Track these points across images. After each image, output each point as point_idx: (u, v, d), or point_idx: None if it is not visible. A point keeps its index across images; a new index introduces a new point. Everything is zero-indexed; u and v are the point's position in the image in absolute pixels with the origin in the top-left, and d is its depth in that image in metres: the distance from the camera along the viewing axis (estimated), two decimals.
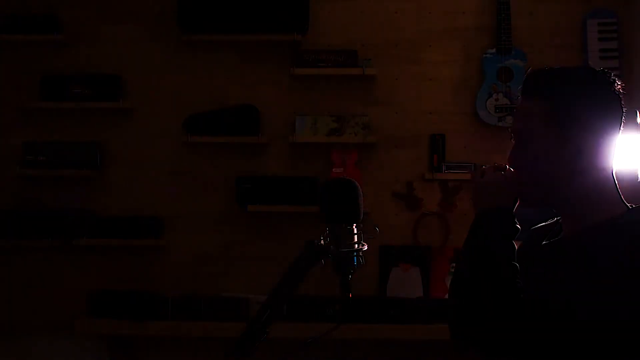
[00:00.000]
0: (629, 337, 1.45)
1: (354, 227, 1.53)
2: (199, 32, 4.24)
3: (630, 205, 1.63)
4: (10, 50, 4.33)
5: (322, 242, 1.53)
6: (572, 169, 1.60)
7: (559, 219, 1.70)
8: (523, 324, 1.49)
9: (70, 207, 4.21)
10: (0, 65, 4.35)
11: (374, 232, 1.55)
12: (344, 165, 4.22)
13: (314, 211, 2.29)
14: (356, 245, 1.52)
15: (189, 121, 4.25)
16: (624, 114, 1.64)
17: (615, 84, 1.63)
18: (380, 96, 4.31)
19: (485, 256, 1.57)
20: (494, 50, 4.23)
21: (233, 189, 4.23)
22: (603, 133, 1.60)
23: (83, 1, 4.36)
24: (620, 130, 1.63)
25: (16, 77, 4.33)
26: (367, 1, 4.35)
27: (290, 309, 3.90)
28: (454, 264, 4.21)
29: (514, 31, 4.21)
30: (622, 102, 1.63)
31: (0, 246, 4.21)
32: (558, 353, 1.47)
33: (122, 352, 4.21)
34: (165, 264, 4.28)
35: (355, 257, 1.53)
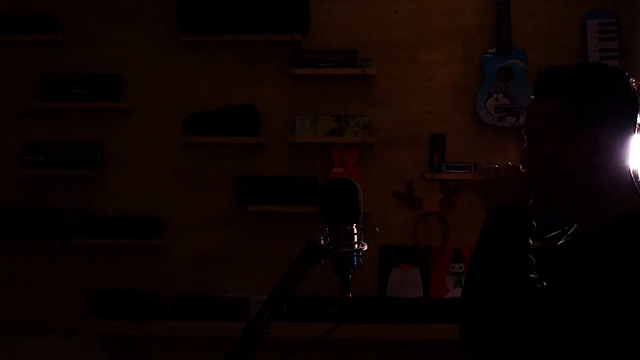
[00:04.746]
0: None
1: (353, 227, 1.52)
2: (199, 32, 4.23)
3: None
4: (10, 50, 4.33)
5: (322, 242, 1.53)
6: (586, 168, 1.57)
7: (574, 226, 1.67)
8: (539, 318, 1.45)
9: (70, 207, 4.20)
10: (0, 65, 4.35)
11: (374, 232, 1.55)
12: (343, 165, 4.21)
13: (314, 211, 2.28)
14: (356, 245, 1.52)
15: (189, 121, 4.25)
16: (639, 112, 1.60)
17: (630, 81, 1.60)
18: (380, 96, 4.31)
19: (502, 252, 1.53)
20: (494, 50, 4.22)
21: (233, 189, 4.23)
22: (617, 131, 1.57)
23: (82, 1, 4.36)
24: (636, 129, 1.60)
25: (16, 77, 4.33)
26: (367, 1, 4.35)
27: (290, 309, 3.90)
28: (454, 264, 4.22)
29: (514, 31, 4.20)
30: (638, 100, 1.60)
31: (0, 246, 4.21)
32: (576, 349, 1.43)
33: (122, 352, 4.21)
34: (165, 264, 4.27)
35: (355, 257, 1.52)
